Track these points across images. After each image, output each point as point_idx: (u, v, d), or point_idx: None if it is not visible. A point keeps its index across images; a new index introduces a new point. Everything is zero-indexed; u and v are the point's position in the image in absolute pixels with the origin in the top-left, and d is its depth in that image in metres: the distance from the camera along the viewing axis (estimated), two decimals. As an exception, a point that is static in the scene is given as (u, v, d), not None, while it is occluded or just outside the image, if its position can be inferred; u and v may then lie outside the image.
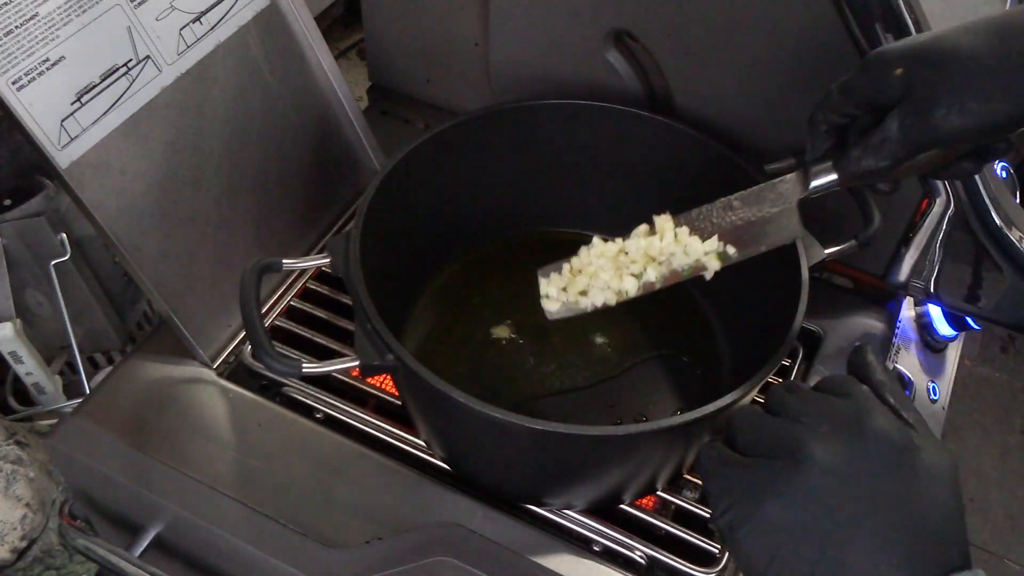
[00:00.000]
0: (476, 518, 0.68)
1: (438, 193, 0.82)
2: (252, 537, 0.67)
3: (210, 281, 0.77)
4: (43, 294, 1.05)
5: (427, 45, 1.01)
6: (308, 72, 0.86)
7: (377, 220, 0.71)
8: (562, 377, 0.78)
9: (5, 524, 0.87)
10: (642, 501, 0.74)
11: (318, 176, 0.88)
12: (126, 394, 0.75)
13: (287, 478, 0.71)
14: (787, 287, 0.68)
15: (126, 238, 0.70)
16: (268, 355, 0.60)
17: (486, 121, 0.81)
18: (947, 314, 0.91)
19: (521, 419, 0.58)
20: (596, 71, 0.85)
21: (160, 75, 0.72)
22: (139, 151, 0.71)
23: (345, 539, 0.67)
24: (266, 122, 0.81)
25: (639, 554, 0.68)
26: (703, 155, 0.79)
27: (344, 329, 0.81)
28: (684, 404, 0.78)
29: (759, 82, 0.78)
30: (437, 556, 0.65)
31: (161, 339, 0.78)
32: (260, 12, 0.79)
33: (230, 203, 0.79)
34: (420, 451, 0.74)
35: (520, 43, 0.88)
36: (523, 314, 0.82)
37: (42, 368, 1.03)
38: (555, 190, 0.88)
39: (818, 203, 0.80)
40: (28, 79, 0.63)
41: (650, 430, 0.60)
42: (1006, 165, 0.80)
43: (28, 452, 0.91)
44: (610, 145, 0.83)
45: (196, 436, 0.72)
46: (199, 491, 0.69)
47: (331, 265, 0.68)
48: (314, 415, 0.76)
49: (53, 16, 0.64)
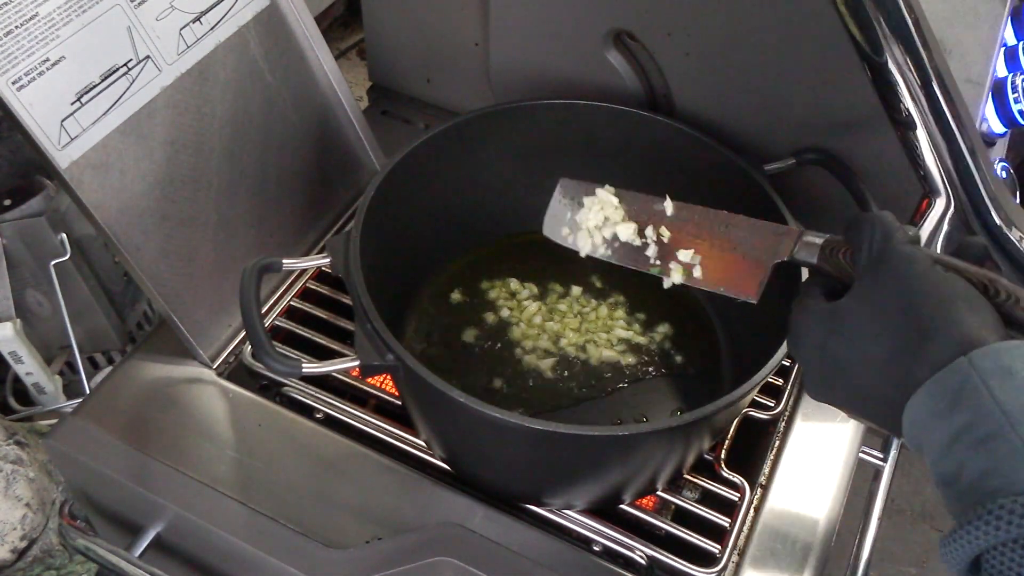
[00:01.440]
0: (476, 518, 0.68)
1: (438, 193, 0.82)
2: (252, 537, 0.66)
3: (210, 281, 0.77)
4: (43, 294, 1.05)
5: (427, 45, 1.01)
6: (308, 72, 0.86)
7: (377, 220, 0.71)
8: (563, 377, 0.78)
9: (5, 524, 0.87)
10: (642, 501, 0.74)
11: (318, 176, 0.88)
12: (126, 394, 0.75)
13: (287, 478, 0.71)
14: (787, 287, 0.68)
15: (126, 238, 0.70)
16: (268, 355, 0.60)
17: (486, 121, 0.81)
18: (947, 314, 0.91)
19: (521, 419, 0.58)
20: (596, 71, 0.85)
21: (160, 75, 0.72)
22: (139, 151, 0.71)
23: (345, 539, 0.67)
24: (266, 122, 0.81)
25: (639, 554, 0.68)
26: (703, 155, 0.79)
27: (344, 329, 0.81)
28: (684, 404, 0.78)
29: (759, 82, 0.78)
30: (437, 556, 0.65)
31: (161, 339, 0.78)
32: (260, 12, 0.79)
33: (230, 203, 0.78)
34: (420, 451, 0.74)
35: (520, 43, 0.88)
36: (524, 313, 0.82)
37: (42, 368, 1.03)
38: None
39: (818, 203, 0.81)
40: (28, 79, 0.63)
41: (650, 430, 0.60)
42: (1006, 165, 0.80)
43: (28, 452, 0.91)
44: (610, 145, 0.83)
45: (196, 436, 0.72)
46: (199, 491, 0.69)
47: (331, 265, 0.68)
48: (314, 415, 0.76)
49: (53, 16, 0.64)
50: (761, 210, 0.75)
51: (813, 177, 0.79)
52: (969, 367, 0.44)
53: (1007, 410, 0.42)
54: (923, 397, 0.46)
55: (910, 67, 0.68)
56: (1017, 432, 0.42)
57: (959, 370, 0.45)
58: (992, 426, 0.43)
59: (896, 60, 0.68)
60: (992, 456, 0.42)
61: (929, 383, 0.46)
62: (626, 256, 0.71)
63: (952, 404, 0.44)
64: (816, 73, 0.66)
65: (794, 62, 0.75)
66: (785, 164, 0.77)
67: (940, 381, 0.45)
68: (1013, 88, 0.82)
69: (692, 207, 0.68)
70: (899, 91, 0.70)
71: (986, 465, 0.42)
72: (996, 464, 0.42)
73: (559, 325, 0.82)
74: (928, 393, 0.46)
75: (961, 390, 0.44)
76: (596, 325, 0.82)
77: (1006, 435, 0.42)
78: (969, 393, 0.44)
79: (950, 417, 0.44)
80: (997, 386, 0.43)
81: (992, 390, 0.43)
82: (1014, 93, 0.81)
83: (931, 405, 0.45)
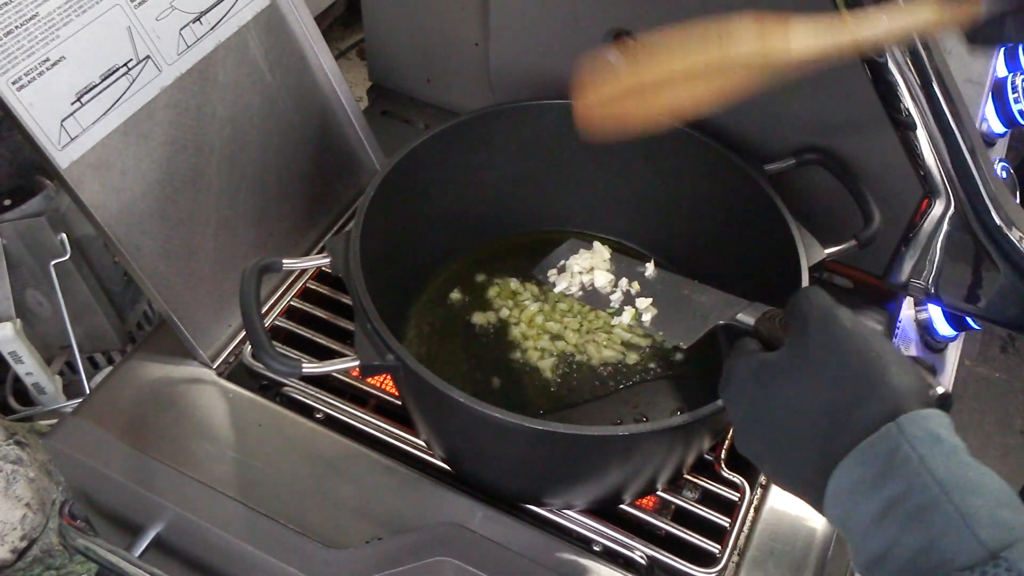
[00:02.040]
0: (476, 518, 0.68)
1: (438, 193, 0.82)
2: (252, 537, 0.66)
3: (210, 281, 0.77)
4: (43, 294, 1.05)
5: (427, 45, 1.01)
6: (308, 72, 0.86)
7: (377, 220, 0.71)
8: (563, 377, 0.78)
9: (5, 524, 0.87)
10: (642, 501, 0.74)
11: (318, 176, 0.88)
12: (126, 394, 0.75)
13: (287, 478, 0.71)
14: (787, 287, 0.68)
15: (126, 238, 0.70)
16: (268, 355, 0.60)
17: (486, 121, 0.81)
18: (947, 314, 0.91)
19: (521, 419, 0.58)
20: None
21: (160, 75, 0.72)
22: (139, 151, 0.71)
23: (345, 539, 0.67)
24: (266, 122, 0.81)
25: (639, 554, 0.68)
26: (703, 155, 0.79)
27: (344, 329, 0.81)
28: (684, 404, 0.78)
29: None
30: (437, 556, 0.65)
31: (161, 339, 0.78)
32: (260, 12, 0.79)
33: (230, 203, 0.79)
34: (420, 451, 0.74)
35: (520, 43, 0.88)
36: (523, 313, 0.82)
37: (42, 368, 1.03)
38: (555, 190, 0.88)
39: (818, 203, 0.81)
40: (28, 79, 0.63)
41: (650, 430, 0.60)
42: (1006, 165, 0.80)
43: (28, 452, 0.91)
44: (610, 145, 0.83)
45: (196, 436, 0.72)
46: (199, 491, 0.69)
47: (331, 265, 0.68)
48: (314, 415, 0.76)
49: (53, 16, 0.64)
50: (761, 210, 0.75)
51: (813, 177, 0.79)
52: (899, 434, 0.42)
53: (940, 478, 0.40)
54: (850, 464, 0.43)
55: (910, 67, 0.68)
56: (953, 502, 0.39)
57: (888, 437, 0.42)
58: (926, 496, 0.40)
59: (896, 60, 0.68)
60: (928, 530, 0.39)
61: (857, 450, 0.43)
62: (590, 297, 0.81)
63: (882, 473, 0.42)
64: (816, 73, 0.66)
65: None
66: (785, 164, 0.77)
67: (869, 448, 0.43)
68: (1013, 88, 0.82)
69: (669, 275, 0.69)
70: (899, 91, 0.70)
71: (922, 540, 0.39)
72: (932, 539, 0.39)
73: (559, 325, 0.82)
74: (856, 460, 0.43)
75: (891, 458, 0.42)
76: (596, 325, 0.82)
77: (942, 506, 0.39)
78: (900, 462, 0.41)
79: (880, 487, 0.41)
80: (928, 454, 0.41)
81: (924, 458, 0.41)
82: (1014, 93, 0.81)
83: (859, 473, 0.43)
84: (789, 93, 0.66)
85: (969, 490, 0.40)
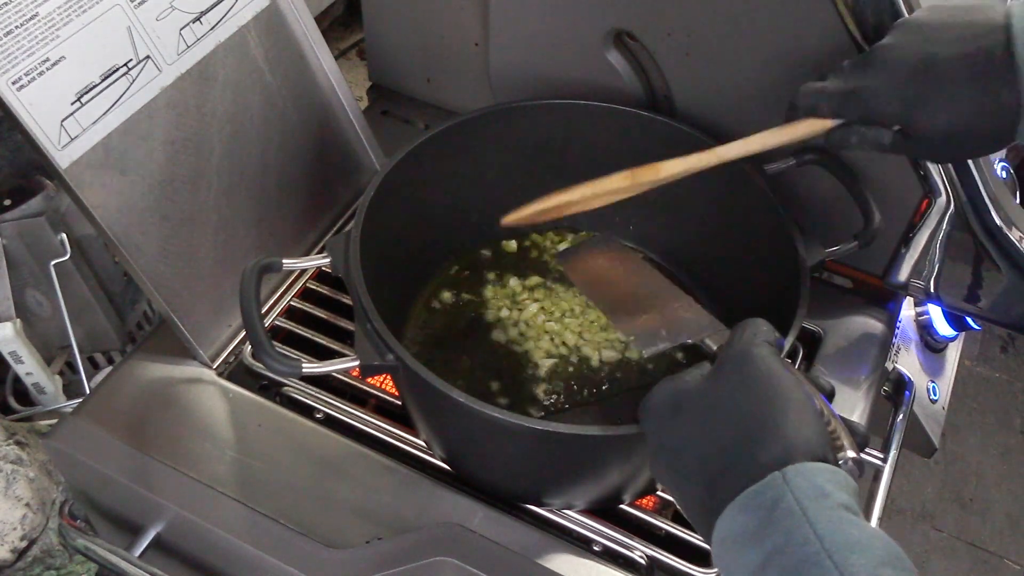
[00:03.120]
0: (476, 518, 0.68)
1: (438, 193, 0.82)
2: (252, 537, 0.67)
3: (210, 281, 0.77)
4: (43, 294, 1.04)
5: (427, 45, 1.01)
6: (308, 72, 0.86)
7: (377, 220, 0.71)
8: (563, 377, 0.78)
9: (5, 524, 0.87)
10: (642, 501, 0.74)
11: (318, 176, 0.88)
12: (126, 394, 0.75)
13: (287, 478, 0.71)
14: (787, 287, 0.68)
15: (126, 238, 0.70)
16: (268, 355, 0.60)
17: (486, 121, 0.81)
18: (947, 314, 0.91)
19: (521, 419, 0.58)
20: (596, 71, 0.85)
21: (160, 75, 0.72)
22: (139, 151, 0.71)
23: (345, 539, 0.67)
24: (266, 122, 0.81)
25: (639, 554, 0.68)
26: (703, 155, 0.79)
27: (344, 329, 0.81)
28: (684, 404, 0.77)
29: (759, 82, 0.78)
30: (437, 556, 0.65)
31: (161, 339, 0.78)
32: (260, 12, 0.80)
33: (230, 203, 0.79)
34: (420, 451, 0.74)
35: (520, 43, 0.88)
36: (523, 313, 0.82)
37: (42, 368, 1.03)
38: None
39: (818, 203, 0.81)
40: (28, 79, 0.63)
41: (650, 430, 0.60)
42: (1006, 165, 0.80)
43: (28, 452, 0.91)
44: (610, 145, 0.83)
45: (196, 436, 0.72)
46: (199, 491, 0.69)
47: (331, 265, 0.68)
48: (314, 415, 0.76)
49: (53, 16, 0.64)
50: (761, 210, 0.75)
51: (813, 177, 0.79)
52: (783, 484, 0.41)
53: (821, 534, 0.39)
54: (735, 511, 0.43)
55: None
56: (833, 559, 0.39)
57: (774, 486, 0.42)
58: (806, 551, 0.39)
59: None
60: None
61: (743, 495, 0.42)
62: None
63: (764, 523, 0.41)
64: (817, 73, 0.66)
65: (795, 62, 0.74)
66: (785, 164, 0.77)
67: (754, 496, 0.42)
68: (1013, 88, 0.81)
69: (669, 284, 0.69)
70: (899, 91, 0.69)
71: None
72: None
73: (559, 325, 0.82)
74: (740, 507, 0.43)
75: (774, 508, 0.41)
76: (597, 325, 0.82)
77: (821, 563, 0.39)
78: (782, 514, 0.41)
79: (762, 538, 0.41)
80: (812, 507, 0.40)
81: (807, 511, 0.40)
82: (1014, 93, 0.81)
83: (742, 521, 0.42)
84: (790, 93, 0.66)
85: (850, 548, 0.39)
